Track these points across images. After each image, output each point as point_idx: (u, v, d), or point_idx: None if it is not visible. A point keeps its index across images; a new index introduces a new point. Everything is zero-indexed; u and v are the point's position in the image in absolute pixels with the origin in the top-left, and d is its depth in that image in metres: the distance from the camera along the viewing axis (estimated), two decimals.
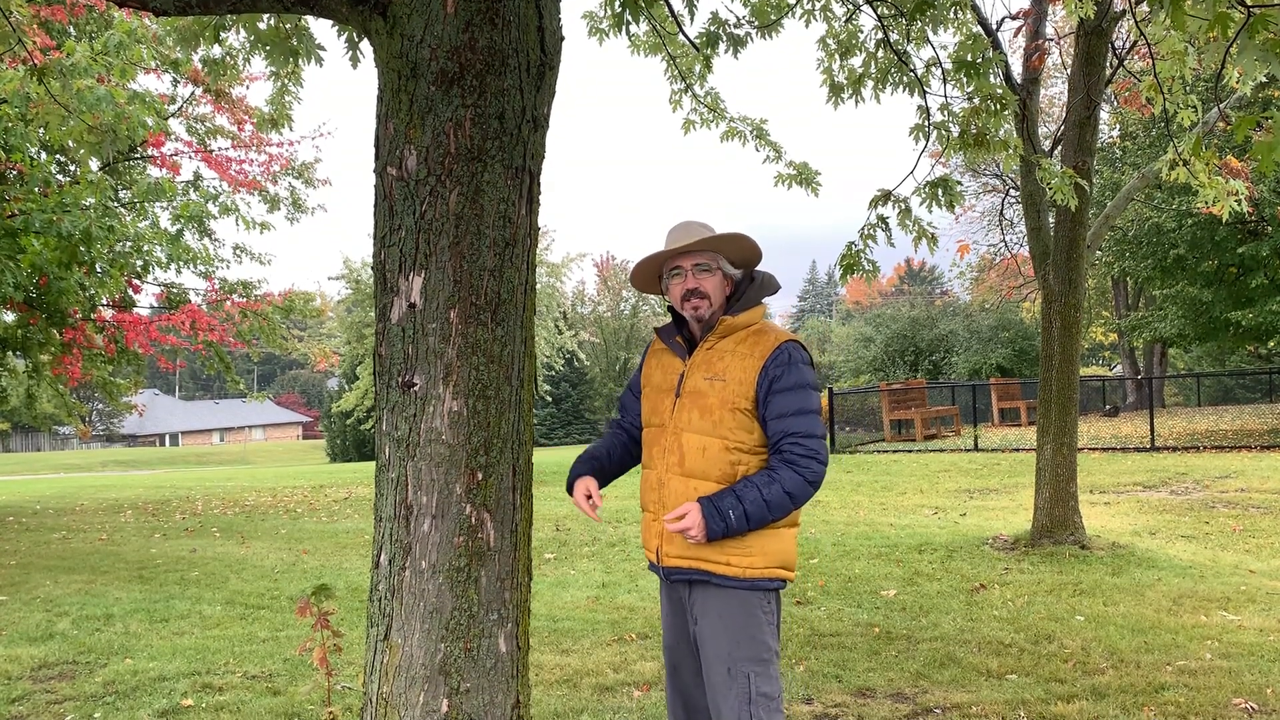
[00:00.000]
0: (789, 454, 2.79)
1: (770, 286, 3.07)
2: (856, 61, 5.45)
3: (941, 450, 18.96)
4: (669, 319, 3.18)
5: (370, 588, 2.72)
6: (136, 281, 12.97)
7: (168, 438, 74.81)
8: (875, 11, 5.00)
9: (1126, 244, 20.12)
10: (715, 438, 2.86)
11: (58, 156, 12.09)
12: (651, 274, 3.13)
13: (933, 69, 5.04)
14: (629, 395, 3.30)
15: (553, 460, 22.42)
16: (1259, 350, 30.70)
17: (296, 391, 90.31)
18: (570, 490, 3.09)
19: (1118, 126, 22.28)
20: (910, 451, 19.06)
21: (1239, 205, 6.86)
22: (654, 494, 2.98)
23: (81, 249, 9.68)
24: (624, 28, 5.25)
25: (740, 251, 3.01)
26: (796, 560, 2.96)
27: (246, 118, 13.59)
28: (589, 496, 3.02)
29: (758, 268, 3.12)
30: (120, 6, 2.91)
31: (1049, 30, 9.45)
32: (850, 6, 5.31)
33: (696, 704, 3.04)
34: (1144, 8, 6.40)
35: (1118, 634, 5.67)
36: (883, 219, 5.04)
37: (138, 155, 13.97)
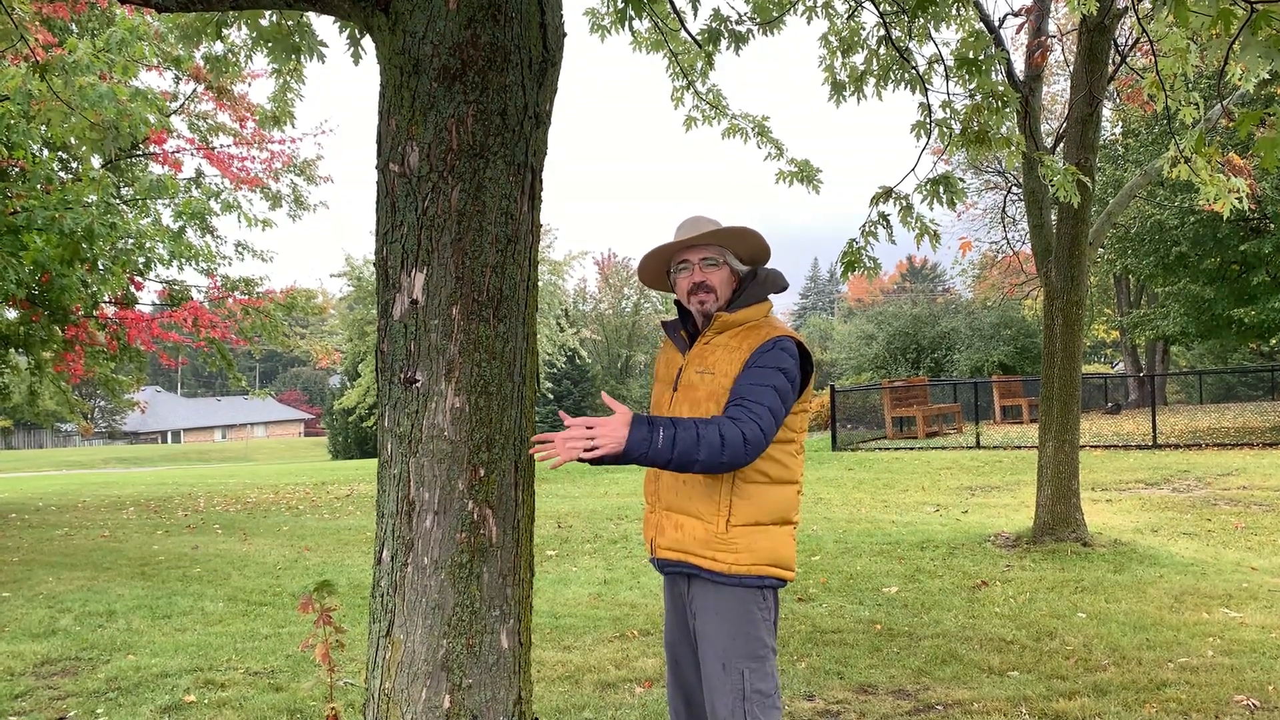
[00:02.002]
0: (731, 412, 2.72)
1: (774, 284, 3.03)
2: (858, 59, 5.45)
3: (943, 448, 18.95)
4: (669, 317, 3.18)
5: (372, 584, 2.73)
6: (138, 279, 12.97)
7: (170, 435, 74.83)
8: (877, 8, 5.00)
9: (1129, 241, 20.08)
10: None
11: (60, 153, 12.11)
12: (659, 268, 3.11)
13: (935, 66, 5.04)
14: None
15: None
16: (1261, 348, 30.71)
17: (298, 389, 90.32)
18: None
19: (1120, 123, 22.25)
20: (912, 449, 19.06)
21: (1239, 203, 6.85)
22: (651, 486, 3.01)
23: (84, 246, 9.69)
24: (626, 24, 5.26)
25: (748, 247, 3.00)
26: (794, 559, 2.94)
27: (248, 115, 13.61)
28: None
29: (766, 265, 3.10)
30: (122, 3, 2.91)
31: (1051, 27, 9.44)
32: (852, 3, 5.31)
33: (697, 699, 3.04)
34: (1146, 4, 6.40)
35: (1119, 631, 5.67)
36: (884, 216, 5.03)
37: (139, 152, 13.97)
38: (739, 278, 3.02)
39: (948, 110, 4.97)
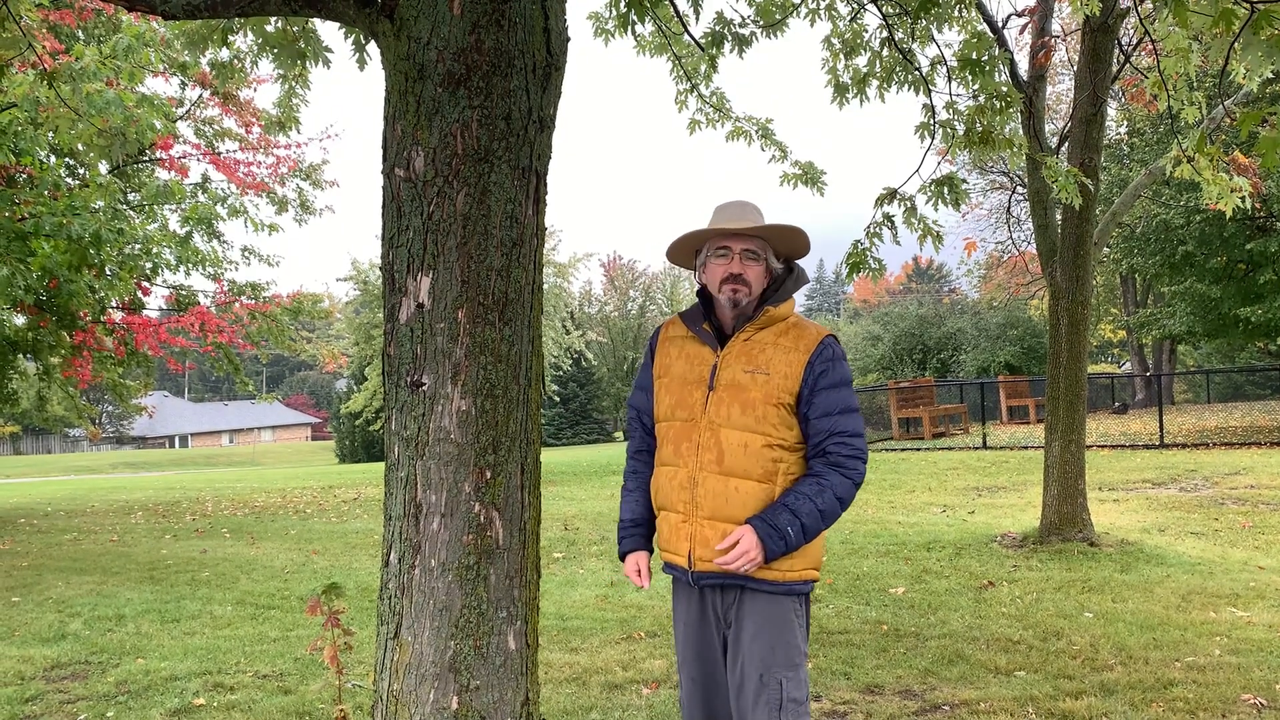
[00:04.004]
0: (835, 456, 2.70)
1: (805, 279, 2.96)
2: (861, 61, 5.47)
3: (950, 448, 18.93)
4: (674, 316, 3.12)
5: (380, 586, 2.75)
6: (146, 284, 13.03)
7: (177, 439, 75.02)
8: (880, 10, 5.01)
9: (1135, 240, 20.06)
10: (758, 434, 2.73)
11: (67, 160, 12.17)
12: (689, 247, 2.97)
13: (938, 67, 5.05)
14: (640, 395, 3.08)
15: (561, 460, 22.44)
16: (1269, 347, 30.60)
17: (305, 393, 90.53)
18: (623, 558, 3.07)
19: (1126, 123, 22.22)
20: (918, 450, 19.04)
21: (1243, 202, 6.85)
22: (685, 494, 2.80)
23: (91, 251, 9.73)
24: (629, 28, 5.28)
25: (788, 244, 2.90)
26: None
27: (254, 120, 13.66)
28: (639, 572, 3.00)
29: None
30: (129, 10, 2.93)
31: (1055, 27, 9.44)
32: (855, 6, 5.32)
33: (719, 713, 2.90)
34: (1148, 4, 6.40)
35: (1126, 631, 5.67)
36: (888, 217, 5.05)
37: (146, 158, 14.03)
38: (771, 274, 2.90)
39: (951, 111, 4.98)
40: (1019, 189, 23.37)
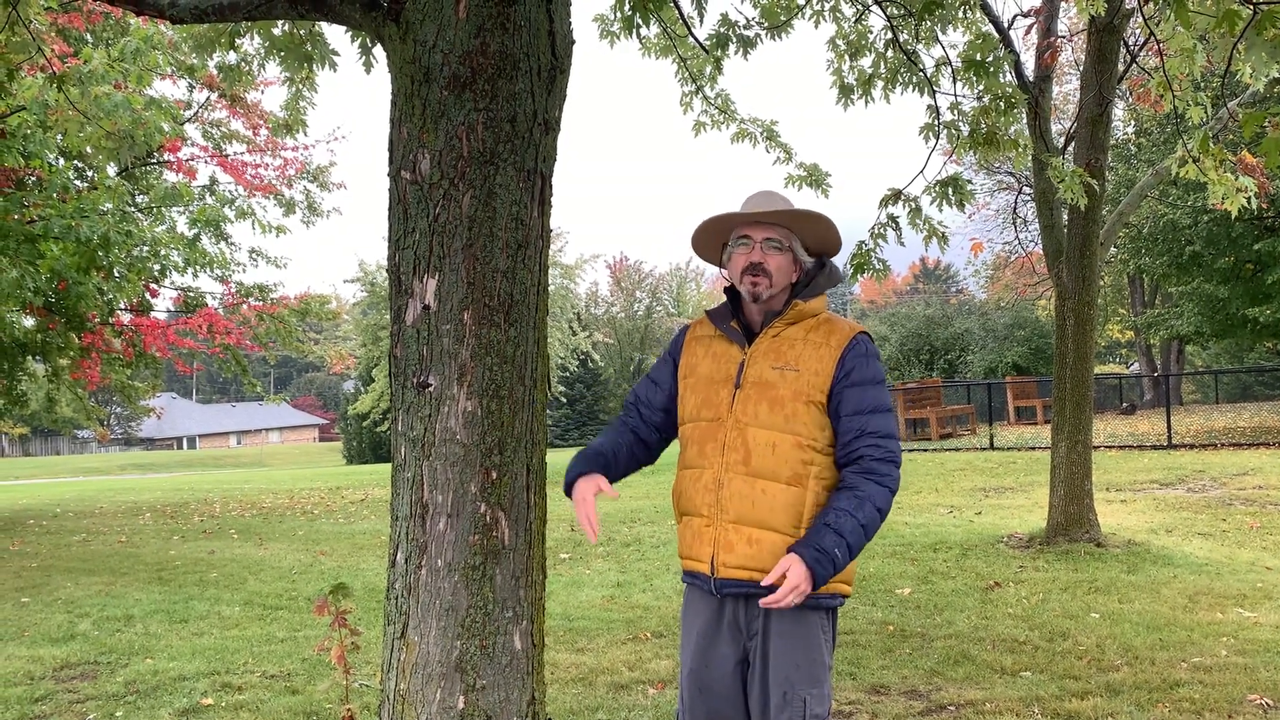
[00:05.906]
0: (867, 461, 2.55)
1: (838, 277, 2.83)
2: (866, 62, 5.47)
3: (957, 449, 18.91)
4: (682, 320, 3.10)
5: (387, 586, 2.76)
6: (154, 285, 13.08)
7: (185, 441, 75.19)
8: (884, 12, 5.02)
9: (1142, 241, 20.01)
10: (787, 433, 2.59)
11: (76, 162, 12.21)
12: (714, 239, 2.83)
13: (943, 68, 5.06)
14: (648, 385, 2.92)
15: (567, 461, 22.42)
16: (1277, 347, 30.50)
17: (313, 394, 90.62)
18: (569, 492, 2.74)
19: (1133, 123, 22.18)
20: (926, 450, 19.01)
21: (1248, 202, 6.84)
22: (709, 496, 2.65)
23: (100, 254, 9.78)
24: (634, 31, 5.29)
25: (817, 236, 2.75)
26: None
27: (261, 122, 13.70)
28: (597, 494, 2.70)
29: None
30: (137, 14, 2.96)
31: (1061, 27, 9.43)
32: (859, 7, 5.33)
33: None
34: (1151, 6, 6.40)
35: (1133, 631, 5.67)
36: (893, 218, 5.06)
37: (154, 160, 14.08)
38: (802, 267, 2.78)
39: (956, 112, 4.99)
40: (1025, 189, 23.35)
